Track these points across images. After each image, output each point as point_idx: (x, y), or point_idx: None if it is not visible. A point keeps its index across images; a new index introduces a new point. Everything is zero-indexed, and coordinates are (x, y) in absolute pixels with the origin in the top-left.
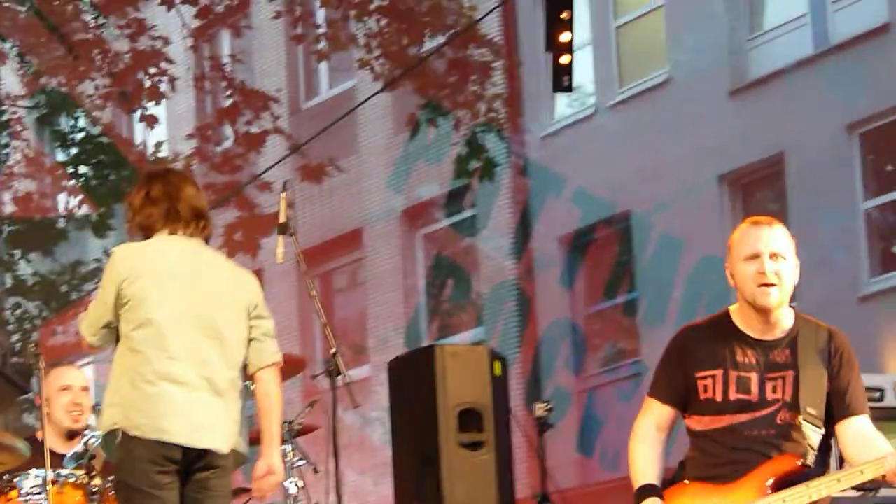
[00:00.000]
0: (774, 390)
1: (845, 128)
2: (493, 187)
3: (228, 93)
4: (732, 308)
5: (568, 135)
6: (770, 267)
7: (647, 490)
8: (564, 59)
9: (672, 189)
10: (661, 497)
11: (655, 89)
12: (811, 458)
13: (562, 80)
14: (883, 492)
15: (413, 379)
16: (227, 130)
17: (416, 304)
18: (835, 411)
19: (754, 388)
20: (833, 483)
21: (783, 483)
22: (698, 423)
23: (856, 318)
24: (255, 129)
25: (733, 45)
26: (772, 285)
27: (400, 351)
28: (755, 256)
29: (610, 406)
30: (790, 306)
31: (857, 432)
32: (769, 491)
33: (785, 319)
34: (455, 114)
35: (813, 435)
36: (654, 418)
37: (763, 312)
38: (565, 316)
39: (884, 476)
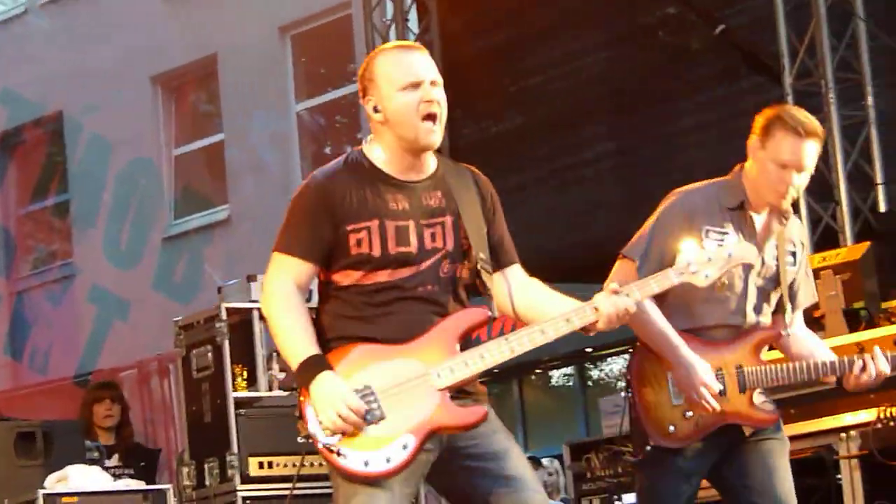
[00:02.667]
0: (434, 238)
1: (277, 30)
2: None
3: None
4: (366, 147)
5: None
6: (436, 95)
7: (316, 362)
8: None
9: (103, 90)
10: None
11: None
12: (496, 310)
13: None
14: None
15: None
16: None
17: None
18: (495, 259)
19: (413, 238)
20: (537, 334)
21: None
22: (346, 277)
23: None
24: None
25: None
26: (437, 118)
27: None
28: (417, 84)
29: (39, 309)
30: None
31: (525, 279)
32: (458, 348)
33: (431, 156)
34: None
35: (489, 281)
36: (293, 276)
37: (418, 151)
38: None
39: (594, 323)
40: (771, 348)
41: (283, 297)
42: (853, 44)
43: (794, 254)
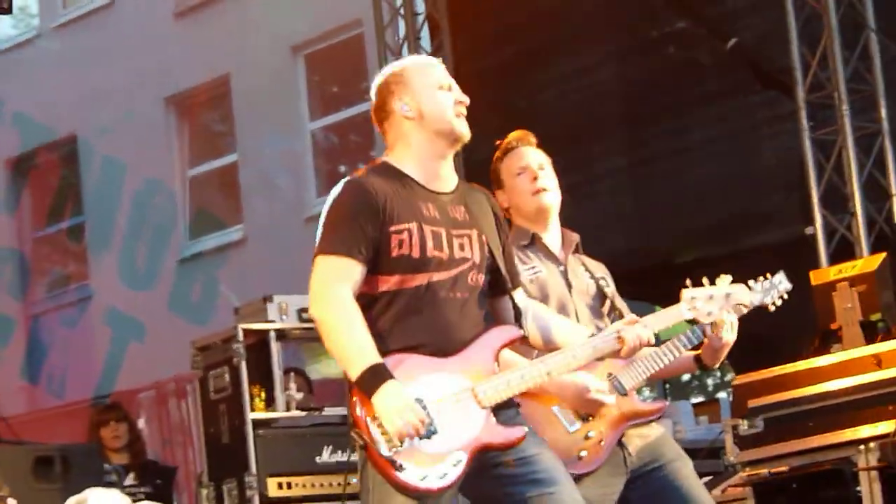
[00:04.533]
0: (462, 248)
1: (290, 49)
2: None
3: None
4: (392, 157)
5: (9, 57)
6: (465, 97)
7: (381, 371)
8: None
9: (117, 112)
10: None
11: (99, 11)
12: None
13: (1, 1)
14: None
15: None
16: None
17: None
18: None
19: (445, 244)
20: (570, 359)
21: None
22: (384, 283)
23: (302, 239)
24: None
25: None
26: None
27: None
28: (450, 87)
29: (55, 332)
30: None
31: (535, 304)
32: (496, 367)
33: (452, 170)
34: None
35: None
36: (350, 280)
37: (444, 156)
38: (9, 242)
39: (616, 351)
40: None
41: (338, 301)
42: (865, 55)
43: (604, 279)
